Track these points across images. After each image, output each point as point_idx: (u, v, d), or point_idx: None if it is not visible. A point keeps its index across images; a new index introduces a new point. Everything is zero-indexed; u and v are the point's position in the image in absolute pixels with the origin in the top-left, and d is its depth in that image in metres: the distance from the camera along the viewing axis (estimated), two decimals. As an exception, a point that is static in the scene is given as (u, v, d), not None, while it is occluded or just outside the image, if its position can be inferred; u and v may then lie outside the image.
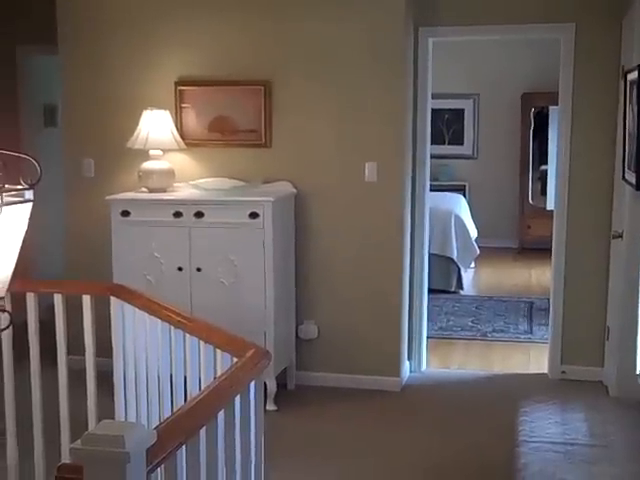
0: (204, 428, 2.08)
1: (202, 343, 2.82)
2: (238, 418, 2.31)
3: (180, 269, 4.77)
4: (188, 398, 2.93)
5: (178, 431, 1.81)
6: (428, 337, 5.71)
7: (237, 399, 2.30)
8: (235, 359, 2.57)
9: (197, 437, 2.01)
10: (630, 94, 3.96)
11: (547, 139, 9.91)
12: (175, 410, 2.16)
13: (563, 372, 5.29)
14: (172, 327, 3.02)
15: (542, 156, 10.05)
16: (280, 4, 5.05)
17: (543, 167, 10.12)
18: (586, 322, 5.25)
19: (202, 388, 2.76)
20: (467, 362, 5.79)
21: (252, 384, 2.42)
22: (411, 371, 5.45)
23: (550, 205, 9.74)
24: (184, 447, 1.94)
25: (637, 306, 3.80)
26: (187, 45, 5.18)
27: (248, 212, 4.66)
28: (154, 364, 3.18)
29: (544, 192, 10.12)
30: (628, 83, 4.05)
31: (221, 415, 2.18)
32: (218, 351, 2.73)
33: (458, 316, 6.97)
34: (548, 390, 4.99)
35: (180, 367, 3.00)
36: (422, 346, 5.54)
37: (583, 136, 5.12)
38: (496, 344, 6.20)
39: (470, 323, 6.74)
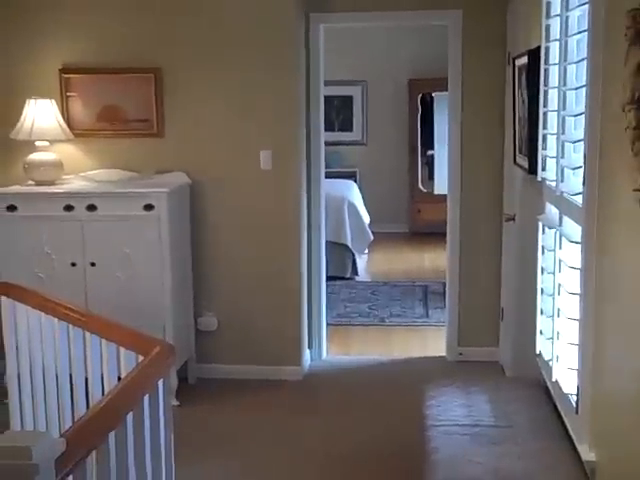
0: (113, 432, 2.00)
1: (104, 341, 2.71)
2: (148, 418, 2.23)
3: (73, 264, 4.61)
4: (90, 400, 2.82)
5: (87, 437, 1.73)
6: (327, 324, 5.72)
7: (146, 399, 2.22)
8: (140, 357, 2.49)
9: (106, 441, 1.92)
10: (519, 79, 4.05)
11: (432, 124, 10.11)
12: (81, 415, 2.06)
13: (460, 354, 5.39)
14: (71, 326, 2.90)
15: (429, 141, 10.22)
16: (169, -11, 4.92)
17: (430, 152, 10.31)
18: (481, 304, 5.37)
19: (106, 389, 2.67)
20: (367, 348, 5.84)
21: (160, 382, 2.35)
22: (312, 359, 5.44)
23: (438, 189, 9.94)
24: (94, 453, 1.85)
25: (530, 287, 3.91)
26: (72, 30, 4.98)
27: (143, 204, 4.54)
28: (51, 365, 3.04)
29: (432, 177, 10.31)
30: (517, 69, 4.14)
31: (130, 417, 2.10)
32: (122, 349, 2.63)
33: (355, 302, 7.02)
34: (448, 372, 5.08)
35: (80, 367, 2.89)
36: (322, 334, 5.54)
37: (472, 121, 5.21)
38: (394, 329, 6.27)
39: (367, 309, 6.80)
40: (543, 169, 3.14)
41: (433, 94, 9.97)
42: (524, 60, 3.84)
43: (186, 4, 4.90)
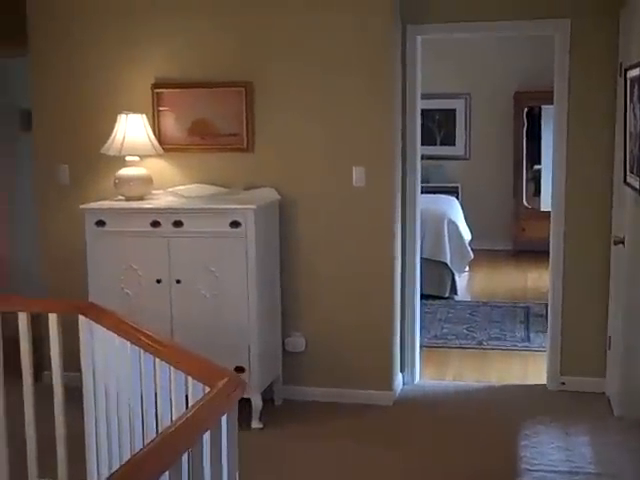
0: (167, 473, 1.84)
1: (172, 369, 2.57)
2: (208, 458, 2.06)
3: (159, 281, 4.53)
4: (159, 427, 2.69)
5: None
6: (422, 346, 5.49)
7: (206, 436, 2.06)
8: (207, 388, 2.33)
9: (157, 486, 1.76)
10: (631, 92, 3.73)
11: (540, 139, 9.73)
12: (131, 455, 1.91)
13: (562, 383, 5.06)
14: (142, 350, 2.78)
15: (535, 156, 9.84)
16: (262, 2, 4.81)
17: (536, 167, 9.92)
18: (586, 330, 5.03)
19: (173, 418, 2.53)
20: (462, 373, 5.55)
21: (224, 418, 2.18)
22: (404, 383, 5.21)
23: (544, 206, 9.54)
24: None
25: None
26: (164, 46, 4.94)
27: (229, 221, 4.42)
28: (124, 388, 2.93)
29: (538, 193, 9.92)
30: (628, 81, 3.82)
31: (185, 457, 1.94)
32: (190, 379, 2.49)
33: (452, 323, 6.74)
34: (548, 405, 4.76)
35: (150, 393, 2.76)
36: (415, 357, 5.31)
37: (580, 136, 4.89)
38: (492, 353, 5.96)
39: (465, 331, 6.51)
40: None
41: (542, 107, 9.58)
42: (636, 72, 3.53)
43: (278, 18, 4.78)
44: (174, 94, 4.94)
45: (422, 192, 5.41)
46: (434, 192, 9.26)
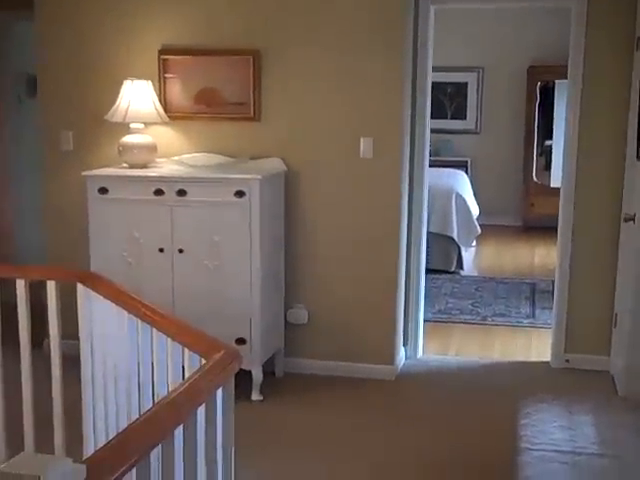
0: (158, 448, 1.80)
1: (170, 341, 2.53)
2: (202, 432, 2.03)
3: (161, 250, 4.49)
4: (156, 397, 2.66)
5: (115, 462, 1.53)
6: (425, 320, 5.45)
7: (200, 410, 2.02)
8: (204, 361, 2.29)
9: (147, 462, 1.72)
10: (646, 66, 3.64)
11: (552, 114, 9.61)
12: (119, 431, 1.87)
13: (567, 361, 5.01)
14: (139, 321, 2.74)
15: (547, 131, 9.72)
16: (271, -33, 4.72)
17: (547, 142, 9.81)
18: (592, 308, 4.97)
19: (169, 390, 2.49)
20: (466, 348, 5.51)
21: (220, 391, 2.14)
22: (406, 358, 5.17)
23: (554, 182, 9.45)
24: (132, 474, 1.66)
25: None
26: (172, 11, 4.85)
27: (234, 190, 4.36)
28: (122, 358, 2.90)
29: (548, 168, 9.83)
30: (644, 54, 3.73)
31: (179, 432, 1.90)
32: (187, 351, 2.45)
33: (458, 298, 6.69)
34: (551, 383, 4.72)
35: (147, 364, 2.72)
36: (418, 331, 5.27)
37: (593, 111, 4.80)
38: (497, 329, 5.92)
39: (470, 306, 6.46)
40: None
41: (556, 81, 9.45)
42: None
43: (287, -17, 4.69)
44: (181, 61, 4.86)
45: (431, 166, 5.35)
46: (443, 166, 9.18)
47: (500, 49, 9.68)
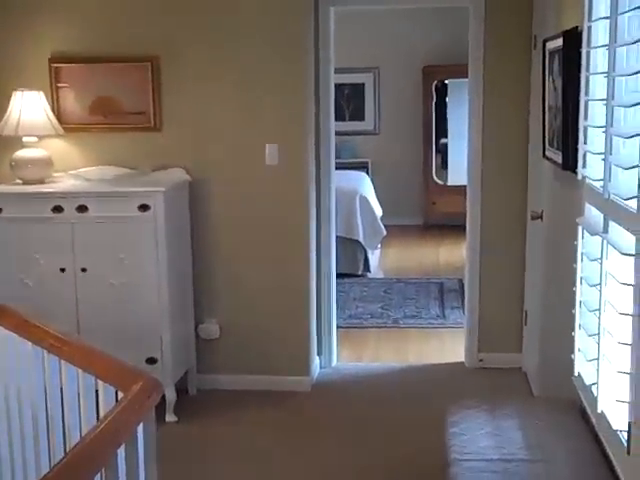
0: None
1: (80, 372, 2.36)
2: (124, 475, 1.87)
3: (63, 270, 4.25)
4: (68, 443, 2.46)
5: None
6: (337, 327, 5.37)
7: (120, 451, 1.87)
8: (120, 394, 2.13)
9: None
10: (550, 64, 3.65)
11: (446, 112, 9.72)
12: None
13: (480, 360, 5.03)
14: (45, 352, 2.54)
15: (442, 130, 9.83)
16: (165, -30, 4.55)
17: (443, 140, 9.91)
18: (502, 306, 5.01)
19: (84, 430, 2.31)
20: (380, 353, 5.47)
21: (140, 428, 1.99)
22: (321, 367, 5.08)
23: (452, 180, 9.58)
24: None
25: (560, 293, 3.54)
26: (63, 16, 4.61)
27: (137, 204, 4.18)
28: (27, 395, 2.69)
29: (445, 166, 9.93)
30: (547, 53, 3.74)
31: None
32: (101, 382, 2.28)
33: (367, 302, 6.65)
34: (469, 385, 4.72)
35: (56, 400, 2.53)
36: (332, 339, 5.19)
37: (494, 109, 4.84)
38: (409, 331, 5.90)
39: (380, 309, 6.42)
40: (583, 166, 2.76)
41: (447, 81, 9.58)
42: (557, 43, 3.44)
43: (184, -13, 4.53)
44: (74, 69, 4.63)
45: (333, 169, 5.28)
46: (344, 168, 9.15)
47: (394, 49, 9.71)
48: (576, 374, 2.79)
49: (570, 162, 3.20)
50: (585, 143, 2.80)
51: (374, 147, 10.03)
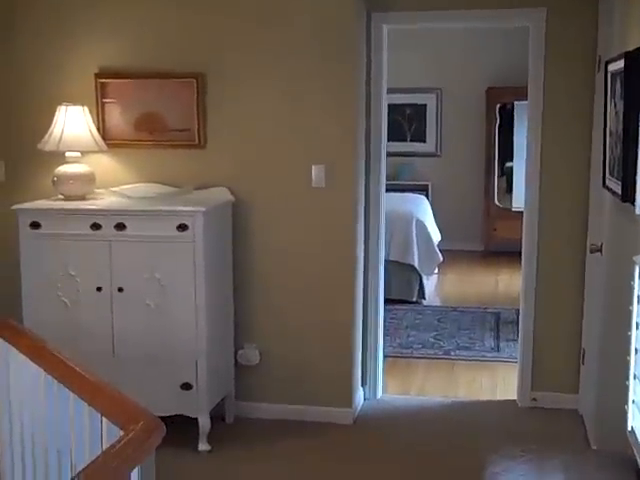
0: None
1: (86, 407, 2.21)
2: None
3: (99, 289, 4.15)
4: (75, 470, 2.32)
5: None
6: (385, 356, 5.16)
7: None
8: (121, 432, 1.97)
9: None
10: (612, 87, 3.41)
11: (512, 135, 9.45)
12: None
13: (534, 399, 4.75)
14: (56, 382, 2.40)
15: (507, 153, 9.54)
16: (215, -14, 4.43)
17: (508, 164, 9.63)
18: (559, 342, 4.73)
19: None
20: (428, 386, 5.22)
21: (135, 473, 1.82)
22: (365, 398, 4.87)
23: (516, 204, 9.27)
24: None
25: (620, 333, 3.28)
26: (110, 31, 4.54)
27: (176, 224, 4.05)
28: (41, 427, 2.55)
29: (509, 190, 9.64)
30: (609, 75, 3.50)
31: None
32: (104, 419, 2.12)
33: (419, 330, 6.41)
34: (519, 427, 4.44)
35: (65, 430, 2.39)
36: (378, 369, 4.96)
37: (555, 133, 4.59)
38: (460, 364, 5.64)
39: (432, 339, 6.18)
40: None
41: (515, 102, 9.30)
42: (620, 64, 3.21)
43: (232, 4, 4.41)
44: (120, 85, 4.54)
45: (390, 190, 5.11)
46: (403, 190, 8.96)
47: (458, 70, 9.49)
48: (629, 428, 2.54)
49: (630, 194, 2.95)
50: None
51: (435, 169, 9.80)
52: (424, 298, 7.33)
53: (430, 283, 7.82)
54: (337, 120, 4.38)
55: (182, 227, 4.04)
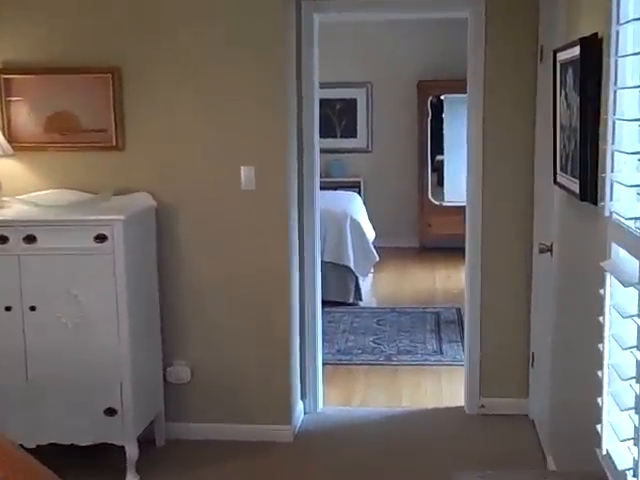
0: None
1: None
2: None
3: (8, 309, 3.74)
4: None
5: None
6: (324, 363, 4.87)
7: None
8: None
9: None
10: (563, 77, 3.18)
11: (441, 129, 9.28)
12: None
13: (482, 406, 4.53)
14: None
15: (437, 147, 9.37)
16: (131, -27, 4.07)
17: (439, 157, 9.47)
18: (506, 344, 4.52)
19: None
20: (371, 395, 4.96)
21: None
22: (305, 412, 4.58)
23: (448, 197, 9.11)
24: None
25: (573, 339, 3.07)
26: (16, 22, 4.13)
27: (93, 234, 3.68)
28: None
29: (441, 184, 9.47)
30: (559, 64, 3.27)
31: None
32: None
33: (358, 334, 6.14)
34: (469, 439, 4.22)
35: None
36: (317, 379, 4.67)
37: (496, 127, 4.38)
38: (403, 369, 5.38)
39: (372, 343, 5.91)
40: (610, 199, 2.28)
41: (442, 96, 9.14)
42: (570, 53, 2.97)
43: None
44: (27, 81, 4.14)
45: (322, 188, 4.81)
46: (334, 188, 8.71)
47: (388, 64, 9.27)
48: (604, 451, 2.29)
49: (590, 192, 2.72)
50: (612, 171, 2.31)
51: (366, 165, 9.57)
52: (361, 299, 7.07)
53: (366, 283, 7.56)
54: (267, 118, 4.07)
55: (100, 238, 3.68)
